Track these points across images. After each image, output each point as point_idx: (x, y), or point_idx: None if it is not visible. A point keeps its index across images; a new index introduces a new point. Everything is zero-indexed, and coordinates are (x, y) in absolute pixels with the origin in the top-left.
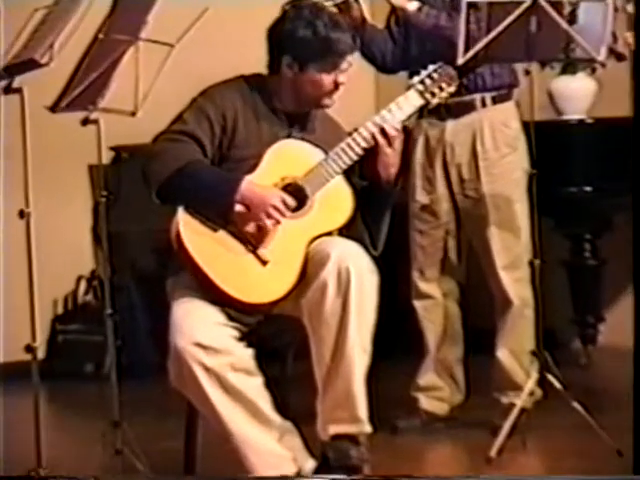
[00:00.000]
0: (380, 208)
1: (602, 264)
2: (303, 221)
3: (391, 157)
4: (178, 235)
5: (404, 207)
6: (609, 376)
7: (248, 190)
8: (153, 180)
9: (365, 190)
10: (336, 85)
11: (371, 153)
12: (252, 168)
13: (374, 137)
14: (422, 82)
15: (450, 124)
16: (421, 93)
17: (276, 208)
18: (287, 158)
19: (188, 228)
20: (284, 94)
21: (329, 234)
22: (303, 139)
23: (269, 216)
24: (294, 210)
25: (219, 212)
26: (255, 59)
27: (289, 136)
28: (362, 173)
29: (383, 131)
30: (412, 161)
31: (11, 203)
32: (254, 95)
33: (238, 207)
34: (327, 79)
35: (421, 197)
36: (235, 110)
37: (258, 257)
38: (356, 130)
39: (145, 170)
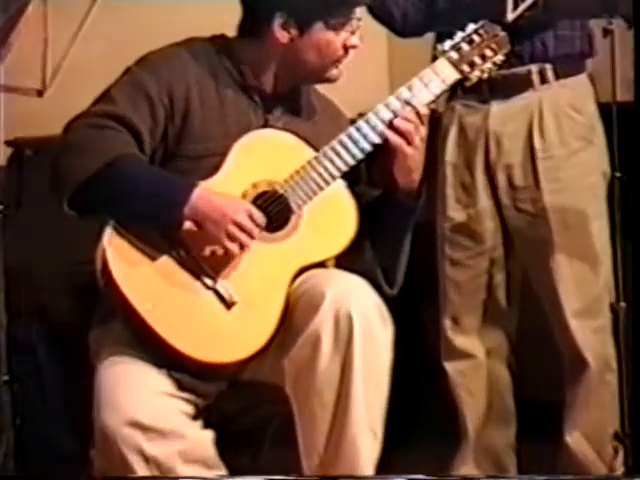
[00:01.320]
0: (397, 228)
1: None
2: (285, 246)
3: (412, 156)
4: (105, 266)
5: (430, 226)
6: None
7: (202, 201)
8: (66, 183)
9: (375, 203)
10: (345, 49)
11: (384, 150)
12: (211, 170)
13: (389, 127)
14: (457, 48)
15: (496, 108)
16: (455, 64)
17: (241, 226)
18: (262, 156)
19: (119, 256)
20: (266, 66)
21: (322, 265)
22: (286, 129)
23: (231, 238)
24: (272, 229)
25: (162, 232)
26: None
27: (265, 125)
28: (371, 178)
29: (401, 118)
30: (441, 161)
31: None
32: (217, 66)
33: (188, 225)
34: (336, 40)
35: (455, 212)
36: (187, 87)
37: (219, 296)
38: (362, 116)
39: (54, 169)
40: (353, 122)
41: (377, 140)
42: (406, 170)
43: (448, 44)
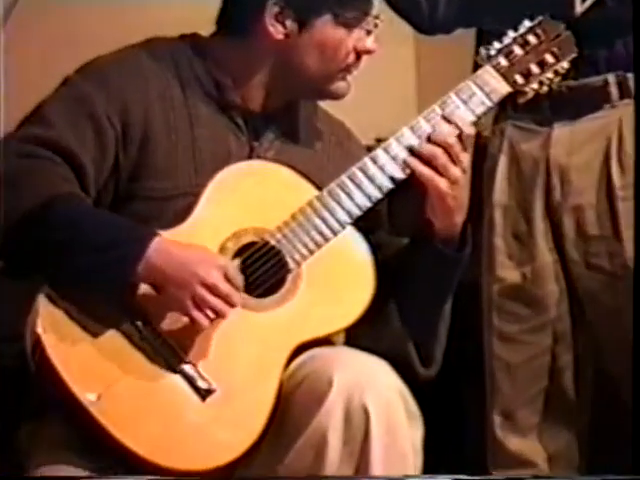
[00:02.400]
0: (435, 288)
1: None
2: (278, 315)
3: (451, 193)
4: (37, 345)
5: (473, 290)
6: None
7: (163, 256)
8: None
9: (402, 255)
10: (358, 54)
11: (413, 187)
12: (179, 215)
13: (418, 156)
14: (507, 53)
15: (560, 131)
16: (505, 74)
17: (214, 290)
18: (247, 196)
19: (55, 331)
20: (253, 75)
21: (328, 341)
22: (278, 160)
23: (202, 306)
24: (262, 294)
25: (111, 298)
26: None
27: (251, 155)
28: (394, 220)
29: (435, 144)
30: (487, 202)
31: None
32: (187, 76)
33: (145, 288)
34: (347, 41)
35: (506, 271)
36: (147, 104)
37: (190, 383)
38: (381, 143)
39: None
40: (369, 150)
41: (399, 174)
42: (444, 211)
43: (495, 48)
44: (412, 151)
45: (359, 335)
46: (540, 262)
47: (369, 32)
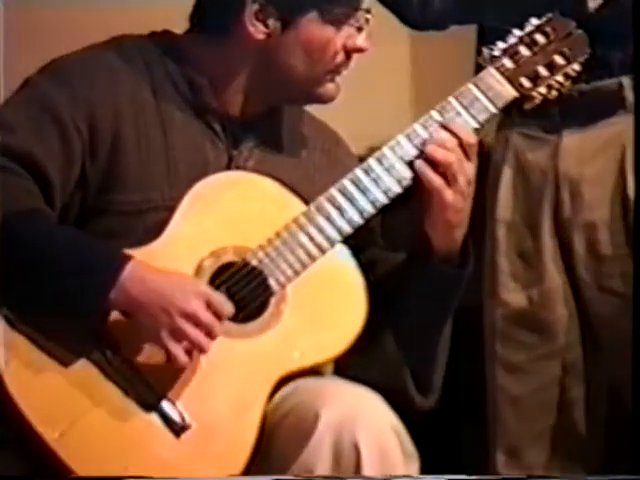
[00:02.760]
0: (433, 309)
1: None
2: (261, 342)
3: (455, 204)
4: None
5: (474, 313)
6: None
7: (135, 281)
8: None
9: (398, 272)
10: (347, 53)
11: (411, 197)
12: (151, 232)
13: (417, 167)
14: (512, 53)
15: (570, 139)
16: (510, 77)
17: (194, 320)
18: (226, 211)
19: (16, 360)
20: (232, 77)
21: (315, 371)
22: (259, 171)
23: (179, 338)
24: (242, 319)
25: (78, 325)
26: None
27: (230, 165)
28: (388, 234)
29: (438, 146)
30: (490, 217)
31: None
32: (159, 78)
33: (116, 316)
34: (335, 39)
35: (511, 294)
36: (116, 109)
37: (164, 418)
38: (374, 152)
39: None
40: (362, 160)
41: (396, 188)
42: (445, 225)
43: (499, 48)
44: (408, 160)
45: (350, 364)
46: (548, 284)
47: (360, 29)
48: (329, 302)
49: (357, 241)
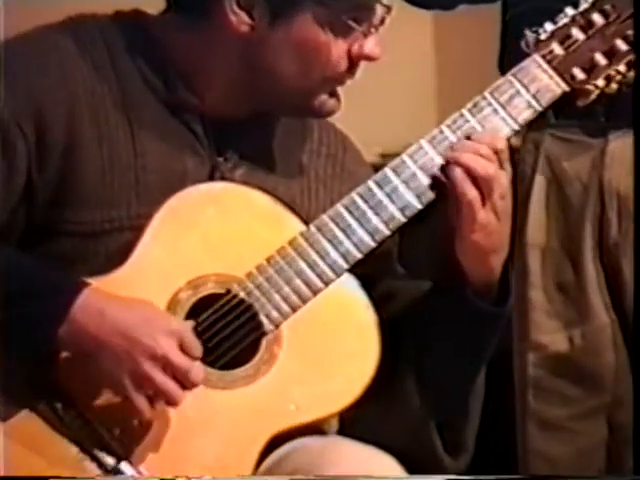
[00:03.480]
0: (464, 355)
1: None
2: (250, 393)
3: (490, 223)
4: None
5: (504, 359)
6: None
7: (93, 315)
8: None
9: (420, 306)
10: (351, 61)
11: (435, 219)
12: (117, 256)
13: (453, 176)
14: (562, 38)
15: (618, 144)
16: (559, 66)
17: (165, 366)
18: (208, 231)
19: None
20: (215, 71)
21: (316, 428)
22: (248, 183)
23: (144, 383)
24: (226, 365)
25: (23, 367)
26: None
27: (213, 175)
28: (408, 263)
29: (472, 153)
30: (520, 240)
31: None
32: (125, 67)
33: (67, 359)
34: (337, 43)
35: (545, 335)
36: (70, 105)
37: None
38: (389, 160)
39: None
40: (378, 169)
41: (416, 204)
42: (478, 249)
43: (546, 31)
44: (432, 171)
45: (359, 419)
46: (593, 323)
47: (370, 29)
48: (333, 344)
49: (368, 270)
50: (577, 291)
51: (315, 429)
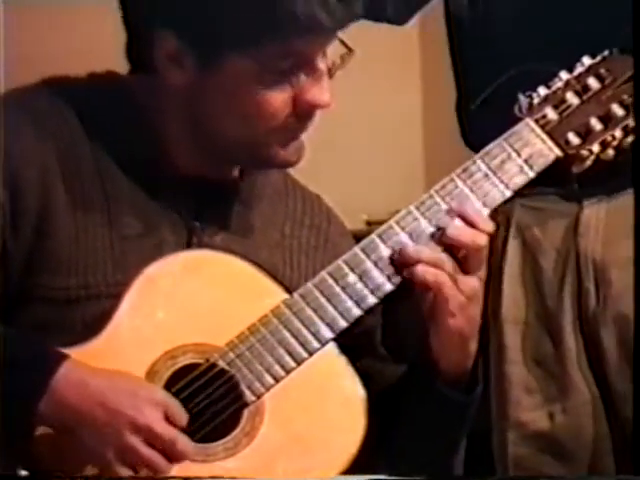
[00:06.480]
0: (436, 441)
1: None
2: (229, 468)
3: (468, 309)
4: None
5: (481, 437)
6: None
7: (74, 388)
8: None
9: (396, 392)
10: (295, 105)
11: (411, 295)
12: (93, 324)
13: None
14: (556, 102)
15: (592, 211)
16: (553, 131)
17: (149, 434)
18: (187, 299)
19: None
20: (173, 129)
21: None
22: (228, 250)
23: (128, 456)
24: (207, 436)
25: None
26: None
27: (190, 241)
28: (390, 341)
29: (460, 234)
30: (494, 315)
31: None
32: (98, 129)
33: (46, 433)
34: (278, 91)
35: (525, 412)
36: (44, 167)
37: None
38: (374, 228)
39: None
40: (358, 239)
41: (397, 278)
42: (453, 337)
43: (540, 95)
44: (421, 239)
45: None
46: (574, 399)
47: (319, 77)
48: (317, 416)
49: (350, 346)
50: (557, 365)
51: None
